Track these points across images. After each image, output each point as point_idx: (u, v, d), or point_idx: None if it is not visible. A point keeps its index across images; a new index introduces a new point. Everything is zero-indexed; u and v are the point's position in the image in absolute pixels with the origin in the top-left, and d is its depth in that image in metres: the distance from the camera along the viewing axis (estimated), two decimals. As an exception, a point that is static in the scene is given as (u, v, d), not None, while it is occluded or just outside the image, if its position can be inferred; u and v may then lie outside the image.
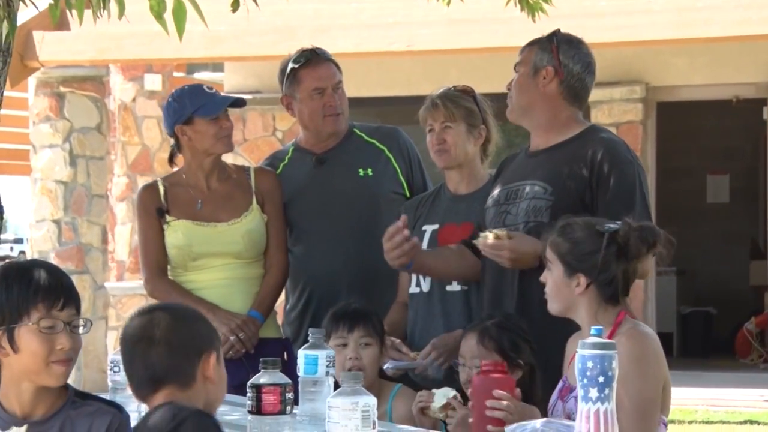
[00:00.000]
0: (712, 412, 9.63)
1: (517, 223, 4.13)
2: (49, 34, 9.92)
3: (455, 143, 4.50)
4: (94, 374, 10.31)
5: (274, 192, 4.83)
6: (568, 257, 3.56)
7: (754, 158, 13.55)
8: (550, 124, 4.20)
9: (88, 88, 10.90)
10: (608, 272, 3.52)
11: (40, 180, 10.93)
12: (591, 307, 3.53)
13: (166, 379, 2.87)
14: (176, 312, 2.96)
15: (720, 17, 8.95)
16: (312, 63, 4.86)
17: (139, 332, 2.90)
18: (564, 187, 4.07)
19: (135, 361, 2.91)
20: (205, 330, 2.94)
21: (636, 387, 3.41)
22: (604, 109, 11.53)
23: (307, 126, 4.94)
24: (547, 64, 4.18)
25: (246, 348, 4.65)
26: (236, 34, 9.54)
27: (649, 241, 3.54)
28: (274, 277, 4.78)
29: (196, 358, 2.88)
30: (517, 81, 4.23)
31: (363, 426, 3.04)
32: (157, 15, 3.53)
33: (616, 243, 3.53)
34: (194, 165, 4.80)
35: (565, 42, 4.22)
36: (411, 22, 9.29)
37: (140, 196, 4.88)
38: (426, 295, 4.53)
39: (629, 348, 3.39)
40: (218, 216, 4.76)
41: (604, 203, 4.02)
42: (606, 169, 4.05)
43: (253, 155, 12.06)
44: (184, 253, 4.74)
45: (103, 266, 11.18)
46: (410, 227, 4.58)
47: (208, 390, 2.90)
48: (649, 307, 11.68)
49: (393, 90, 11.37)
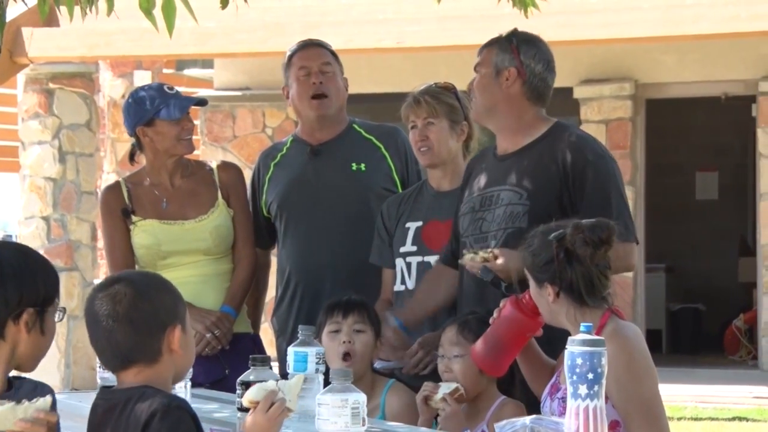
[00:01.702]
0: (700, 409, 9.64)
1: (494, 230, 4.11)
2: (38, 31, 9.90)
3: (438, 140, 4.50)
4: (83, 371, 10.29)
5: (238, 185, 4.84)
6: (533, 270, 3.59)
7: (743, 155, 13.56)
8: (516, 125, 4.18)
9: (77, 85, 10.88)
10: (565, 278, 3.52)
11: (29, 177, 10.91)
12: (569, 313, 3.53)
13: (133, 357, 2.87)
14: (139, 285, 2.92)
15: (709, 14, 8.96)
16: (303, 47, 4.92)
17: (102, 309, 2.89)
18: (538, 191, 4.06)
19: (100, 339, 2.91)
20: (168, 301, 2.92)
21: (635, 393, 3.42)
22: (593, 106, 11.54)
23: (299, 112, 4.95)
24: (509, 65, 4.16)
25: (221, 344, 4.67)
26: (226, 31, 9.52)
27: (595, 241, 3.51)
28: (243, 271, 4.78)
29: (161, 333, 2.87)
30: (479, 82, 4.20)
31: (353, 423, 3.04)
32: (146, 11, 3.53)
33: (565, 248, 3.52)
34: (157, 164, 4.79)
35: (525, 42, 4.19)
36: (401, 18, 9.29)
37: (103, 197, 4.88)
38: (411, 292, 4.52)
39: (614, 354, 3.38)
40: (185, 213, 4.75)
41: (583, 201, 4.01)
42: (580, 167, 4.04)
43: (242, 152, 12.05)
44: (153, 252, 4.73)
45: (93, 263, 11.16)
46: (393, 224, 4.59)
47: (175, 361, 2.90)
48: (638, 303, 11.70)
49: (383, 87, 11.36)
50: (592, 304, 3.52)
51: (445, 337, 4.04)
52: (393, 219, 4.62)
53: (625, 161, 11.16)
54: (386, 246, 4.63)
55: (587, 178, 4.03)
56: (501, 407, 3.93)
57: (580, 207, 3.98)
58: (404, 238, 4.56)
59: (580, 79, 11.52)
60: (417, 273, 4.52)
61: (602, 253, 3.53)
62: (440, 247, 4.46)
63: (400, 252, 4.56)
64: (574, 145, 4.08)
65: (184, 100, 4.77)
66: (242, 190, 4.84)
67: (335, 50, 5.00)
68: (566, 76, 11.09)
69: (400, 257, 4.56)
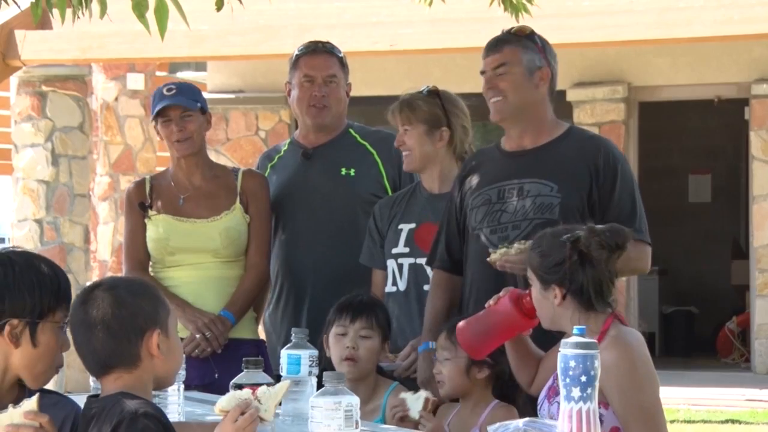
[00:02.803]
0: (693, 412, 9.65)
1: (517, 221, 4.11)
2: (31, 33, 9.89)
3: (412, 146, 4.53)
4: (76, 374, 10.29)
5: (260, 194, 4.82)
6: (540, 271, 3.57)
7: (735, 158, 13.59)
8: (542, 124, 4.22)
9: (70, 87, 10.87)
10: (576, 281, 3.51)
11: (21, 179, 10.90)
12: (574, 317, 3.51)
13: (111, 363, 2.87)
14: (117, 291, 2.91)
15: (702, 17, 8.97)
16: (312, 52, 4.89)
17: (81, 316, 2.89)
18: (570, 185, 4.09)
19: (81, 346, 2.92)
20: (147, 306, 2.91)
21: (636, 400, 3.42)
22: (586, 108, 11.55)
23: (297, 114, 4.98)
24: (539, 65, 4.18)
25: (212, 347, 4.65)
26: (219, 34, 9.52)
27: (611, 245, 3.52)
28: (250, 279, 4.77)
29: (138, 339, 2.87)
30: (511, 82, 4.17)
31: (346, 426, 3.03)
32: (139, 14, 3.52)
33: (578, 250, 3.52)
34: (173, 162, 4.85)
35: (545, 41, 4.25)
36: (394, 21, 9.29)
37: (127, 191, 4.95)
38: (403, 294, 4.53)
39: (614, 362, 3.38)
40: (199, 213, 4.77)
41: (611, 201, 4.08)
42: (611, 169, 4.11)
43: (235, 154, 12.05)
44: (161, 246, 4.75)
45: (86, 266, 11.15)
46: (385, 225, 4.60)
47: (155, 366, 2.89)
48: (632, 306, 11.71)
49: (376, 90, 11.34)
50: (599, 309, 3.52)
51: (437, 342, 4.08)
52: (385, 220, 4.62)
53: (618, 164, 11.16)
54: (377, 247, 4.63)
55: (617, 179, 4.10)
56: (494, 411, 3.94)
57: (609, 206, 4.06)
58: (397, 239, 4.56)
59: (572, 82, 11.53)
60: (409, 275, 4.52)
61: (615, 258, 3.54)
62: (434, 249, 4.47)
63: (392, 253, 4.57)
64: (604, 147, 4.17)
65: (165, 100, 4.74)
66: (264, 199, 4.82)
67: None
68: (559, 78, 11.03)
69: (392, 258, 4.56)
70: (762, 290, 11.33)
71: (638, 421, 3.41)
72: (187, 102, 4.75)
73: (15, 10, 8.90)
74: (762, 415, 9.55)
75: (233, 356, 4.56)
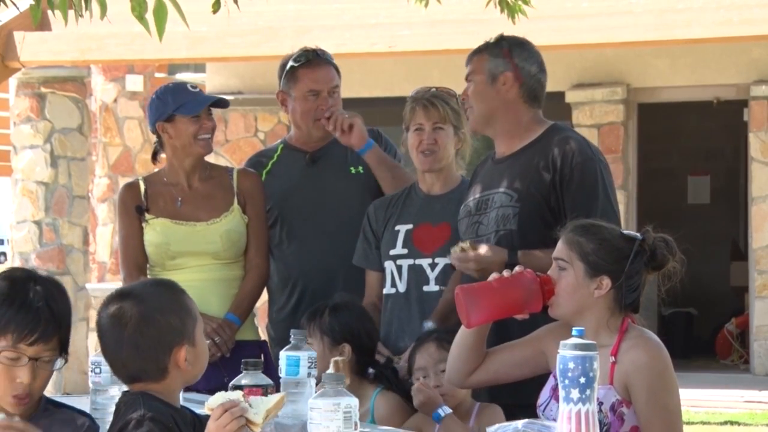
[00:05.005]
0: (692, 413, 9.65)
1: (488, 233, 4.12)
2: (30, 35, 9.89)
3: (444, 145, 4.51)
4: (75, 376, 10.29)
5: (256, 193, 4.81)
6: (592, 257, 3.50)
7: (734, 159, 13.58)
8: (515, 129, 4.18)
9: (69, 89, 10.88)
10: (636, 278, 3.51)
11: (21, 181, 10.90)
12: (604, 312, 3.50)
13: (139, 377, 2.93)
14: (147, 305, 2.94)
15: (701, 18, 8.97)
16: (311, 64, 4.88)
17: (110, 327, 2.92)
18: (528, 193, 4.06)
19: (108, 355, 2.96)
20: (175, 321, 2.94)
21: (663, 402, 3.42)
22: (585, 110, 11.55)
23: (299, 125, 4.96)
24: (503, 70, 4.15)
25: (221, 351, 4.65)
26: (218, 35, 9.52)
27: (673, 252, 3.55)
28: (252, 280, 4.76)
29: (166, 355, 2.92)
30: (474, 91, 4.18)
31: (345, 427, 3.03)
32: (138, 16, 3.52)
33: (645, 250, 3.51)
34: (175, 164, 4.79)
35: (516, 45, 4.20)
36: (393, 23, 9.29)
37: (121, 194, 4.88)
38: (403, 295, 4.52)
39: (647, 361, 3.39)
40: (198, 215, 4.75)
41: (568, 201, 4.01)
42: (568, 169, 4.03)
43: (234, 156, 12.05)
44: (162, 251, 4.73)
45: (85, 267, 11.15)
46: (380, 226, 4.59)
47: (183, 375, 2.96)
48: (631, 307, 11.70)
49: (375, 91, 11.37)
50: (628, 310, 3.52)
51: (424, 357, 4.07)
52: (381, 222, 4.62)
53: (616, 165, 11.17)
54: (372, 248, 4.63)
55: (573, 179, 4.02)
56: (480, 412, 3.96)
57: (568, 206, 3.98)
58: (394, 240, 4.55)
59: (572, 84, 11.53)
60: (408, 276, 4.52)
61: (668, 265, 3.55)
62: (431, 250, 4.47)
63: (390, 255, 4.56)
64: (564, 146, 4.08)
65: (204, 98, 4.77)
66: (260, 198, 4.81)
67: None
68: (558, 80, 11.11)
69: (390, 260, 4.56)
70: (761, 292, 11.33)
71: (663, 423, 3.40)
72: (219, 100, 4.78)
73: (14, 12, 8.91)
74: (761, 417, 9.55)
75: (239, 358, 4.57)
